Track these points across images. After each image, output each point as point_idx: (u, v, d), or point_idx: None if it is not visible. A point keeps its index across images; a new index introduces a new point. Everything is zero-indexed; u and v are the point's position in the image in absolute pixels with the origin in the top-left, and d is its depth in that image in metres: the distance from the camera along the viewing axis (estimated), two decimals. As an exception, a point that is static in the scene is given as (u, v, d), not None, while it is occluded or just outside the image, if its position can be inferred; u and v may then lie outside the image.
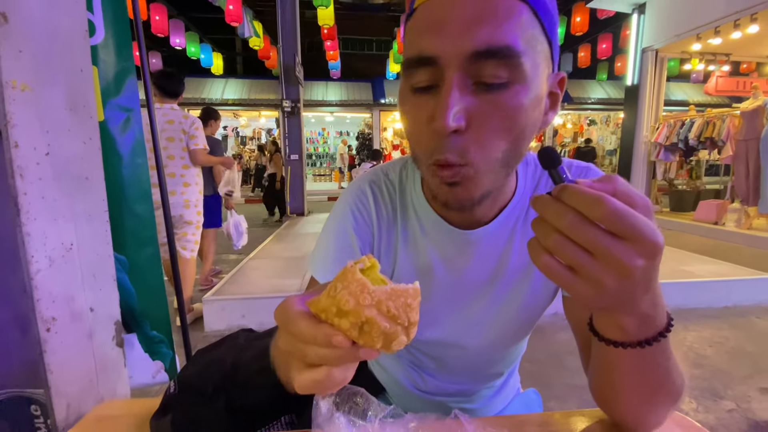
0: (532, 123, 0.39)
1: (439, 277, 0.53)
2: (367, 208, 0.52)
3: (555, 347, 2.07)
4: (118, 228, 1.14)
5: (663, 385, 0.39)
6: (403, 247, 0.53)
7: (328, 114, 13.35)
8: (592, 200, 0.26)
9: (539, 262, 0.29)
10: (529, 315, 0.56)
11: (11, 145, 0.72)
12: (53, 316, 0.81)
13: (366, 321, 0.26)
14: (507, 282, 0.53)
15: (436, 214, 0.51)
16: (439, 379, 0.62)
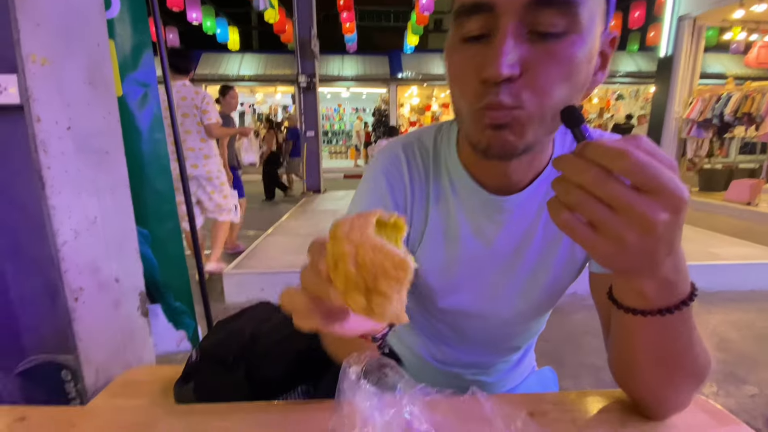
0: (584, 77, 0.39)
1: (466, 243, 0.52)
2: (399, 171, 0.52)
3: (571, 327, 2.06)
4: (139, 202, 1.17)
5: (684, 360, 0.38)
6: (434, 210, 0.52)
7: (344, 89, 13.16)
8: (615, 153, 0.26)
9: (559, 219, 0.29)
10: (553, 289, 0.55)
11: (33, 120, 0.73)
12: (80, 286, 0.84)
13: (340, 255, 0.26)
14: (534, 253, 0.52)
15: (470, 178, 0.50)
16: (457, 350, 0.62)
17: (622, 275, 0.34)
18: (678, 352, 0.38)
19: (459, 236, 0.52)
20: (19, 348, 0.84)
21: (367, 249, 0.25)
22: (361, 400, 0.30)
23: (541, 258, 0.53)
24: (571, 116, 0.31)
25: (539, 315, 0.60)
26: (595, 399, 0.47)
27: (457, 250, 0.53)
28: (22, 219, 0.82)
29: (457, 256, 0.53)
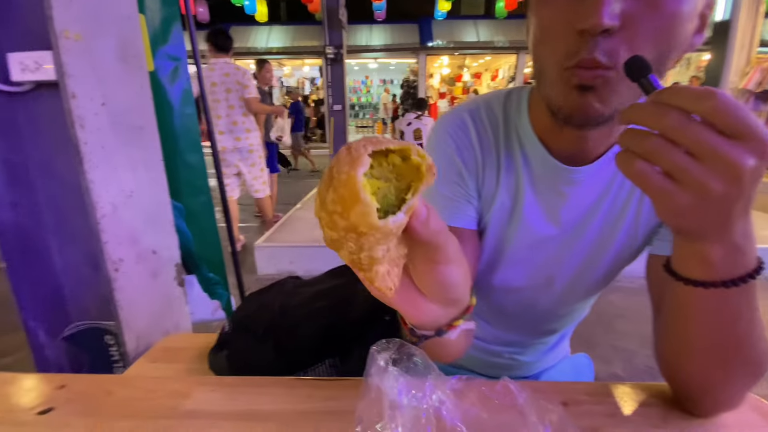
0: (683, 37, 0.36)
1: (530, 216, 0.50)
2: (467, 135, 0.50)
3: (604, 308, 1.99)
4: (173, 177, 1.20)
5: (743, 346, 0.35)
6: (504, 178, 0.50)
7: (371, 61, 12.86)
8: (699, 94, 0.24)
9: (632, 170, 0.26)
10: (609, 269, 0.53)
11: (69, 96, 0.75)
12: (120, 257, 0.88)
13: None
14: (595, 229, 0.50)
15: (542, 147, 0.48)
16: (496, 328, 0.62)
17: (689, 238, 0.31)
18: (737, 335, 0.35)
19: (523, 208, 0.50)
20: (65, 314, 0.90)
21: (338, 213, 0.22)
22: (389, 387, 0.29)
23: (602, 235, 0.50)
24: (637, 66, 0.29)
25: (589, 296, 0.58)
26: (633, 391, 0.44)
27: (518, 223, 0.51)
28: (64, 193, 0.85)
29: (517, 229, 0.51)
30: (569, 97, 0.37)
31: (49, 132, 0.85)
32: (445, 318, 0.33)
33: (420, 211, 0.25)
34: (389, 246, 0.24)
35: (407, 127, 4.42)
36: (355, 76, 13.75)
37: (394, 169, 0.24)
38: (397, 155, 0.24)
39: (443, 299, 0.30)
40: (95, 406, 0.43)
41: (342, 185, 0.21)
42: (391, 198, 0.24)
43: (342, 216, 0.21)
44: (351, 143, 0.22)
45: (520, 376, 0.66)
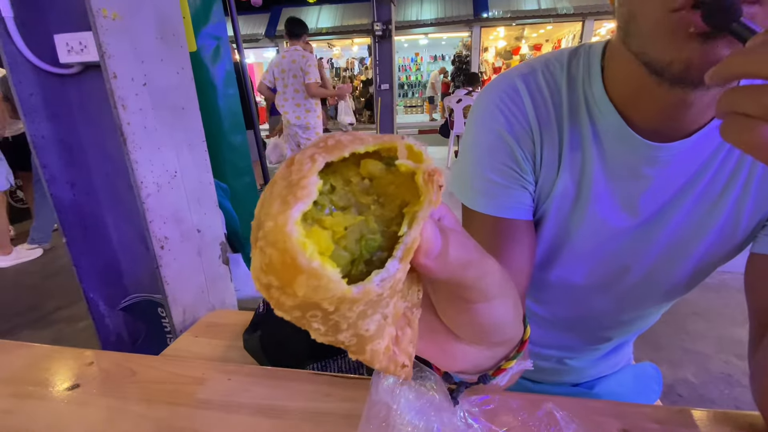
0: None
1: (599, 203, 0.41)
2: (520, 107, 0.41)
3: (676, 305, 1.74)
4: (217, 158, 1.23)
5: None
6: (568, 156, 0.41)
7: (422, 36, 12.42)
8: None
9: (756, 139, 0.19)
10: (694, 271, 0.43)
11: (110, 76, 0.76)
12: (165, 235, 0.91)
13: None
14: (682, 220, 0.40)
15: (620, 117, 0.38)
16: (543, 328, 0.53)
17: None
18: None
19: (590, 195, 0.41)
20: (122, 287, 0.96)
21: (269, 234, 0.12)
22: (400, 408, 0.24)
23: (690, 226, 0.40)
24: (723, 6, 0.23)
25: (665, 301, 0.48)
26: (713, 419, 0.35)
27: (583, 212, 0.42)
28: (116, 171, 0.89)
29: (583, 219, 0.42)
30: (685, 48, 0.28)
31: (100, 113, 0.88)
32: (491, 360, 0.24)
33: (430, 244, 0.15)
34: (386, 311, 0.15)
35: (457, 104, 4.23)
36: (405, 53, 13.41)
37: (373, 186, 0.15)
38: (375, 160, 0.14)
39: (486, 342, 0.22)
40: (117, 387, 0.43)
41: (269, 243, 0.12)
42: (372, 238, 0.14)
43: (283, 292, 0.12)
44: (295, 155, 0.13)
45: (570, 383, 0.57)
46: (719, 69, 0.20)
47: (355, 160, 0.14)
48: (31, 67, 0.86)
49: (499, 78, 0.43)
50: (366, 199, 0.15)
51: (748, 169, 0.37)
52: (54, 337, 1.70)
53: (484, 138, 0.42)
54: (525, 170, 0.41)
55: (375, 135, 0.14)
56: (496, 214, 0.41)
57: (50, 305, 1.97)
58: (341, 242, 0.14)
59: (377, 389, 0.24)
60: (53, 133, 0.90)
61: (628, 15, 0.31)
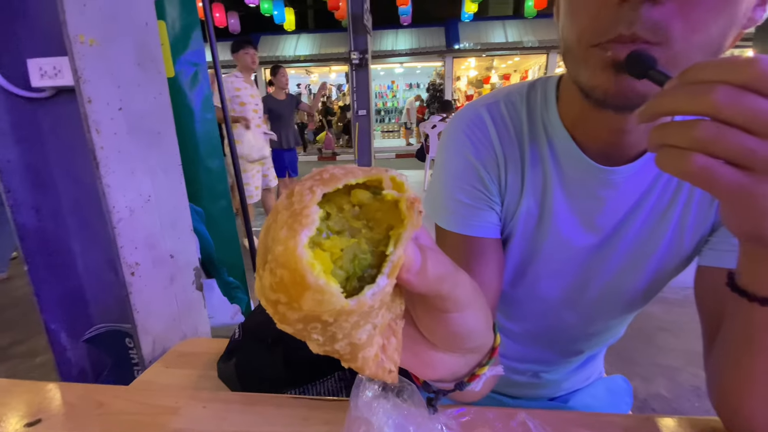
0: (742, 13, 0.31)
1: (559, 221, 0.44)
2: (486, 134, 0.44)
3: (646, 321, 1.83)
4: (193, 182, 1.21)
5: None
6: (530, 179, 0.44)
7: (397, 65, 12.88)
8: (736, 62, 0.20)
9: (690, 168, 0.21)
10: (648, 284, 0.46)
11: (85, 100, 0.76)
12: (136, 261, 0.88)
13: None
14: (633, 237, 0.44)
15: (574, 143, 0.42)
16: (518, 343, 0.56)
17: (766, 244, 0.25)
18: None
19: (552, 215, 0.44)
20: (86, 316, 0.92)
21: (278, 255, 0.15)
22: (379, 422, 0.24)
23: (641, 242, 0.44)
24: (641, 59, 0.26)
25: (625, 313, 0.51)
26: (680, 425, 0.37)
27: (547, 231, 0.45)
28: (84, 197, 0.87)
29: (546, 237, 0.45)
30: (602, 74, 0.31)
31: (71, 137, 0.87)
32: (466, 367, 0.27)
33: (411, 261, 0.18)
34: (375, 321, 0.18)
35: (432, 129, 4.37)
36: (381, 81, 13.81)
37: (363, 213, 0.17)
38: (364, 190, 0.17)
39: (461, 349, 0.24)
40: (83, 420, 0.40)
41: (280, 265, 0.14)
42: (363, 258, 0.17)
43: (290, 307, 0.15)
44: (294, 186, 0.16)
45: (546, 396, 0.59)
46: (645, 109, 0.23)
47: (346, 190, 0.17)
48: (1, 91, 0.84)
49: (466, 108, 0.47)
50: (357, 224, 0.17)
51: (688, 191, 0.41)
52: (8, 375, 1.58)
53: (453, 162, 0.45)
54: (491, 192, 0.44)
55: (363, 168, 0.17)
56: (465, 233, 0.44)
57: (5, 340, 1.83)
58: (338, 262, 0.16)
59: (356, 404, 0.25)
60: (20, 157, 0.88)
61: (564, 46, 0.36)
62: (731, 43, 0.32)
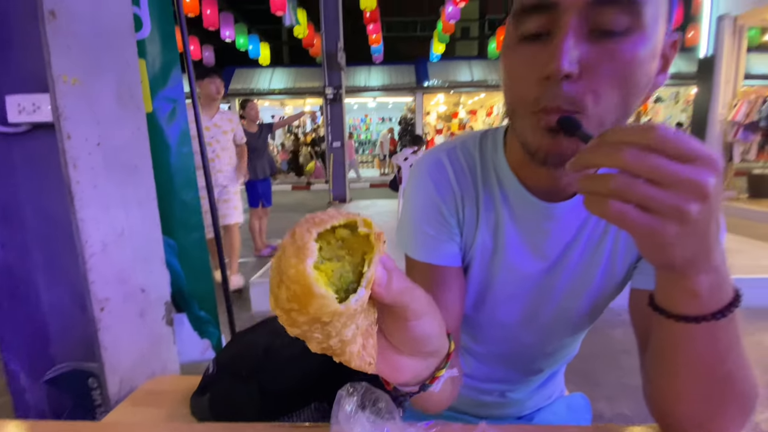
0: (646, 80, 0.37)
1: (511, 251, 0.51)
2: (445, 175, 0.51)
3: (608, 344, 1.92)
4: (167, 214, 1.21)
5: (734, 381, 0.35)
6: (484, 214, 0.51)
7: (370, 100, 13.32)
8: (642, 129, 0.26)
9: (609, 211, 0.26)
10: (593, 304, 0.52)
11: (64, 137, 0.77)
12: (107, 296, 0.87)
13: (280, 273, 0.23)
14: (575, 265, 0.50)
15: (520, 184, 0.48)
16: (484, 364, 0.60)
17: (676, 271, 0.31)
18: (728, 370, 0.34)
19: (505, 244, 0.50)
20: (48, 356, 0.88)
21: (290, 277, 0.21)
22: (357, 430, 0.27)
23: (582, 268, 0.50)
24: (569, 122, 0.32)
25: (576, 331, 0.57)
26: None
27: (501, 260, 0.51)
28: (54, 232, 0.86)
29: (501, 265, 0.51)
30: (541, 139, 0.38)
31: (43, 171, 0.87)
32: (427, 371, 0.32)
33: (380, 277, 0.24)
34: (357, 322, 0.24)
35: (404, 162, 4.51)
36: (355, 114, 14.18)
37: (345, 244, 0.24)
38: (344, 228, 0.23)
39: (421, 353, 0.30)
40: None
41: (293, 282, 0.20)
42: (347, 275, 0.23)
43: (300, 312, 0.21)
44: (294, 228, 0.22)
45: (513, 416, 0.63)
46: (573, 162, 0.29)
47: (332, 229, 0.23)
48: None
49: (429, 153, 0.54)
50: (341, 252, 0.24)
51: None
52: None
53: (419, 199, 0.51)
54: (452, 225, 0.51)
55: (343, 212, 0.23)
56: (430, 261, 0.50)
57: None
58: (331, 279, 0.22)
59: (337, 418, 0.27)
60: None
61: (510, 109, 0.42)
62: (642, 103, 0.39)
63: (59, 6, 0.77)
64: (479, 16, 15.37)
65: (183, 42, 1.39)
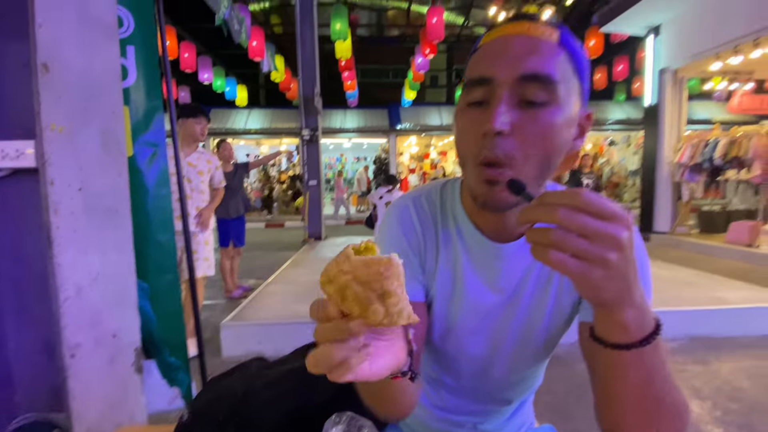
0: (563, 141, 0.46)
1: (470, 286, 0.57)
2: (411, 221, 0.59)
3: (576, 378, 1.97)
4: (141, 256, 1.20)
5: (666, 398, 0.41)
6: (443, 254, 0.58)
7: (345, 140, 13.67)
8: (571, 194, 0.33)
9: (549, 259, 0.33)
10: (546, 336, 0.58)
11: (47, 182, 0.79)
12: (78, 342, 0.85)
13: (343, 285, 0.29)
14: (528, 299, 0.57)
15: (473, 225, 0.56)
16: (456, 396, 0.64)
17: (607, 307, 0.37)
18: (658, 389, 0.40)
19: (464, 280, 0.57)
20: (12, 405, 0.83)
21: (360, 267, 0.29)
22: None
23: (534, 302, 0.57)
24: (517, 185, 0.41)
25: (536, 362, 0.62)
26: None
27: (461, 294, 0.57)
28: (27, 276, 0.84)
29: (461, 300, 0.57)
30: (482, 188, 0.47)
31: (21, 216, 0.87)
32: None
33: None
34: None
35: (379, 200, 4.62)
36: (331, 154, 14.45)
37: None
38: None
39: None
40: None
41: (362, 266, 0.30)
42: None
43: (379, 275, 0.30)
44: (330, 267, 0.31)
45: (485, 449, 0.65)
46: (519, 217, 0.35)
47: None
48: (-50, 171, 0.83)
49: (399, 200, 0.62)
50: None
51: None
52: None
53: (389, 240, 0.59)
54: (415, 264, 0.58)
55: (354, 244, 0.32)
56: None
57: None
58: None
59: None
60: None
61: (461, 164, 0.51)
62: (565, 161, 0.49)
63: (52, 60, 0.82)
64: (447, 66, 16.48)
65: (167, 89, 1.45)
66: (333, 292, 0.30)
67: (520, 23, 0.46)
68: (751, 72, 6.04)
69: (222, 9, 3.37)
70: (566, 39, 0.46)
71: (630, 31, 6.52)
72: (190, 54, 7.90)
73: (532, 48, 0.45)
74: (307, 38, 6.72)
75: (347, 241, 6.47)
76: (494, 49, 0.47)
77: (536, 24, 0.46)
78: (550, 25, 0.47)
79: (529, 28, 0.46)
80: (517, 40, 0.45)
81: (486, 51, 0.47)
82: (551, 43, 0.45)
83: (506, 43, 0.46)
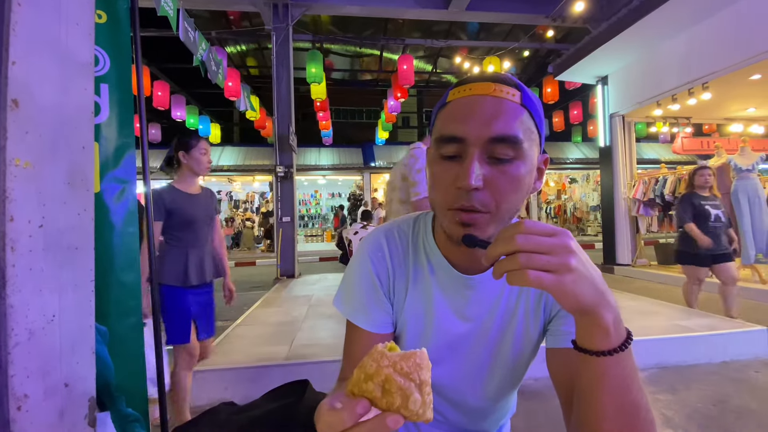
0: (527, 187, 0.53)
1: (440, 316, 0.60)
2: (382, 253, 0.62)
3: (554, 411, 1.96)
4: (102, 297, 1.13)
5: (638, 405, 0.43)
6: (413, 286, 0.61)
7: (320, 177, 13.77)
8: (518, 224, 0.39)
9: (527, 278, 0.37)
10: (516, 363, 0.61)
11: (6, 219, 0.75)
12: (26, 393, 0.77)
13: (385, 379, 0.32)
14: (497, 327, 0.60)
15: (443, 258, 0.60)
16: (437, 427, 0.65)
17: (589, 314, 0.40)
18: (635, 396, 0.43)
19: (434, 310, 0.60)
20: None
21: (399, 361, 0.33)
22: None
23: (502, 332, 0.60)
24: (471, 240, 0.47)
25: (508, 390, 0.64)
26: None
27: (432, 323, 0.60)
28: (-27, 320, 0.77)
29: (432, 328, 0.60)
30: (457, 228, 0.51)
31: (-29, 255, 0.81)
32: None
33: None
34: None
35: (354, 236, 4.62)
36: (305, 190, 14.45)
37: None
38: None
39: None
40: None
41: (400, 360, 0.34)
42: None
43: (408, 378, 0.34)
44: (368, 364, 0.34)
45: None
46: (486, 257, 0.40)
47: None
48: None
49: (372, 233, 0.65)
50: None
51: (525, 296, 0.61)
52: None
53: (359, 274, 0.62)
54: (381, 294, 0.61)
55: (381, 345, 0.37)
56: (364, 327, 0.60)
57: None
58: None
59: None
60: None
61: (434, 205, 0.56)
62: (524, 202, 0.55)
63: (23, 95, 0.81)
64: (417, 108, 17.27)
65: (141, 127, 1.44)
66: (373, 388, 0.32)
67: (486, 84, 0.52)
68: (689, 117, 6.69)
69: (200, 51, 3.45)
70: (526, 98, 0.52)
71: (581, 80, 7.16)
72: (163, 92, 7.91)
73: (499, 110, 0.50)
74: (283, 78, 6.91)
75: (321, 279, 6.34)
76: (464, 109, 0.52)
77: (500, 85, 0.52)
78: (512, 84, 0.53)
79: (495, 89, 0.51)
80: (484, 102, 0.51)
81: (456, 109, 0.53)
82: (514, 104, 0.51)
83: (474, 105, 0.51)
